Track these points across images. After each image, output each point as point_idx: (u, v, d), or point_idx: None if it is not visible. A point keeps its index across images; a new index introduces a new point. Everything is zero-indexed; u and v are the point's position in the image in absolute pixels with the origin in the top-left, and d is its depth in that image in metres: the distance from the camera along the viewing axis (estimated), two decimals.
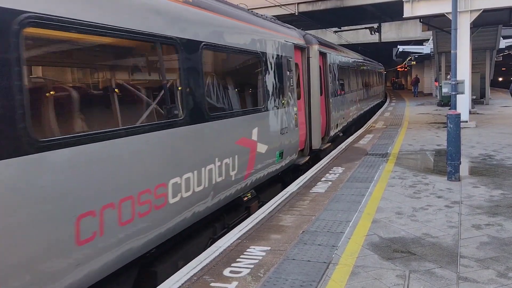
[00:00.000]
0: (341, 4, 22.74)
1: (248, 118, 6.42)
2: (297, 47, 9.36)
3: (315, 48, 10.34)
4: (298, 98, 9.26)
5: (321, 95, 10.88)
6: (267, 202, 6.70)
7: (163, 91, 4.52)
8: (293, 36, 9.35)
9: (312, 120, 10.08)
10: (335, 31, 30.90)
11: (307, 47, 10.06)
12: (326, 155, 10.73)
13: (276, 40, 7.87)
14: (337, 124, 12.84)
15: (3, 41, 2.85)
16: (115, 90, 4.31)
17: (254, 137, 6.52)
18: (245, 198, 6.46)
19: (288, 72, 8.37)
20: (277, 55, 7.84)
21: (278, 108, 7.69)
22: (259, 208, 6.45)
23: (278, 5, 20.84)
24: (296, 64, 9.32)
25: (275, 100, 7.57)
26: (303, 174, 8.76)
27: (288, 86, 8.33)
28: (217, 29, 5.60)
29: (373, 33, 29.36)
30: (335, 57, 13.47)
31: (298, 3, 23.20)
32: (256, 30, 7.11)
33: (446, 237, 5.00)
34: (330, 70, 12.21)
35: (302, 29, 12.30)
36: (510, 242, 4.78)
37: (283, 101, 7.96)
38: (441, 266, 4.22)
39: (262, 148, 6.75)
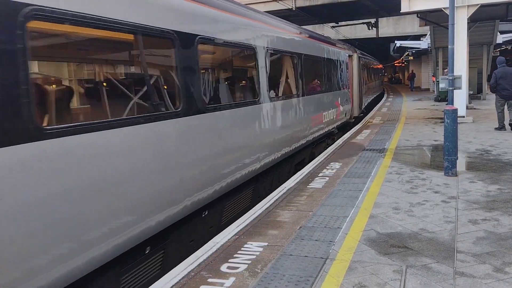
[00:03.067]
0: None
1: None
2: None
3: None
4: None
5: None
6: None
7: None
8: None
9: None
10: (333, 27, 30.84)
11: None
12: None
13: None
14: None
15: None
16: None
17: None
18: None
19: None
20: None
21: None
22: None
23: (275, 0, 20.77)
24: None
25: None
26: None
27: None
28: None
29: (370, 28, 29.29)
30: None
31: None
32: None
33: (443, 232, 5.02)
34: None
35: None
36: (506, 237, 4.80)
37: None
38: (437, 261, 4.23)
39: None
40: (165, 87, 5.07)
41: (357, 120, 17.60)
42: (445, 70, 22.42)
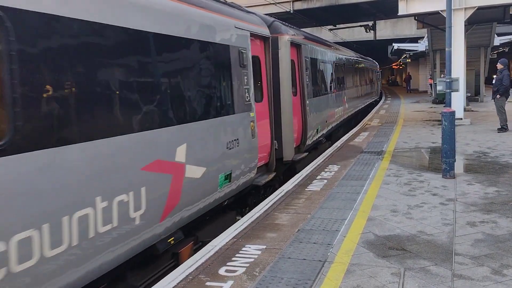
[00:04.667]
0: (336, 2, 22.79)
1: None
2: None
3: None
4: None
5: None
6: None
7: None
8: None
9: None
10: (331, 29, 30.92)
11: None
12: None
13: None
14: None
15: None
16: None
17: None
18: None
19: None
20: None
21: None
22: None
23: (273, 3, 20.82)
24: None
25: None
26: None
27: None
28: None
29: (368, 30, 29.39)
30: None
31: (293, 1, 23.26)
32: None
33: (441, 234, 5.02)
34: None
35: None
36: (504, 239, 4.80)
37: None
38: (436, 264, 4.23)
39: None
40: None
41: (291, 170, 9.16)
42: (441, 76, 22.41)
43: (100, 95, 3.66)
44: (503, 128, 12.84)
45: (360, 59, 22.78)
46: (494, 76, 13.23)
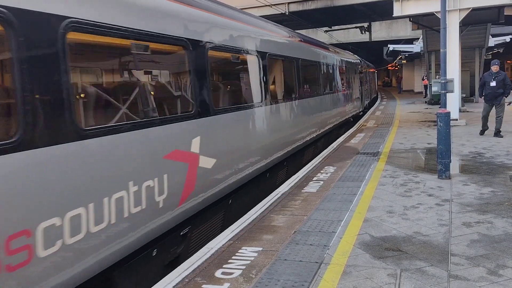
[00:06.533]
0: (332, 4, 22.83)
1: None
2: None
3: None
4: None
5: None
6: None
7: None
8: None
9: None
10: (326, 31, 30.99)
11: None
12: None
13: None
14: None
15: None
16: None
17: None
18: None
19: None
20: None
21: None
22: None
23: (269, 5, 20.85)
24: None
25: None
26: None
27: None
28: None
29: (363, 32, 29.50)
30: None
31: (289, 3, 23.27)
32: None
33: (437, 235, 5.03)
34: None
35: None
36: (500, 240, 4.81)
37: None
38: (432, 265, 4.24)
39: None
40: None
41: None
42: (437, 77, 22.34)
43: None
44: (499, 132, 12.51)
45: (317, 48, 12.75)
46: (493, 80, 12.29)
